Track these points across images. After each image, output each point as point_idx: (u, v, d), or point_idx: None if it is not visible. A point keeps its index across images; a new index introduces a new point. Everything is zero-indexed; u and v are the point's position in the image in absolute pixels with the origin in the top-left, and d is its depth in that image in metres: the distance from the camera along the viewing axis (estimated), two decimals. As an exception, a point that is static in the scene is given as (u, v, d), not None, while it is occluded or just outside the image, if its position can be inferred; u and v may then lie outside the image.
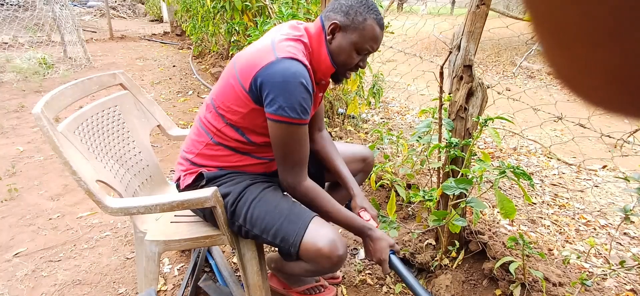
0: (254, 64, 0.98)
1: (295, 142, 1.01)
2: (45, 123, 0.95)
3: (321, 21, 1.07)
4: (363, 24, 1.02)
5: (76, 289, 1.49)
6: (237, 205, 1.08)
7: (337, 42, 1.05)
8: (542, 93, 4.43)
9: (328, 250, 0.99)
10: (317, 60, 1.07)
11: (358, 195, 1.26)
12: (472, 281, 1.42)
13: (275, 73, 0.95)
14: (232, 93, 1.03)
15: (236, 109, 1.04)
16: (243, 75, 1.00)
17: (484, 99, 1.30)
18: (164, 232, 1.18)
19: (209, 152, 1.12)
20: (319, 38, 1.06)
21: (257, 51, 1.01)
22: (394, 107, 3.84)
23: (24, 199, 2.09)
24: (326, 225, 1.04)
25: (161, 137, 2.98)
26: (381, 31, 1.06)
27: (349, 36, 1.03)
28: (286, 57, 0.96)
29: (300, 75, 0.95)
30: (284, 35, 1.03)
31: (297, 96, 0.95)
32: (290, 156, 1.04)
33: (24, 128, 3.08)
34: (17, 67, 4.51)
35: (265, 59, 0.97)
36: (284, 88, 0.94)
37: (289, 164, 1.05)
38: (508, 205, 1.11)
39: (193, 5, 5.36)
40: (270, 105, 0.96)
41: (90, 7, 12.13)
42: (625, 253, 1.69)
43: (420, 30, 2.98)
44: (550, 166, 2.60)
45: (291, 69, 0.95)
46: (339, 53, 1.05)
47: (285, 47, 0.99)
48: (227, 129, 1.08)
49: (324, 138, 1.32)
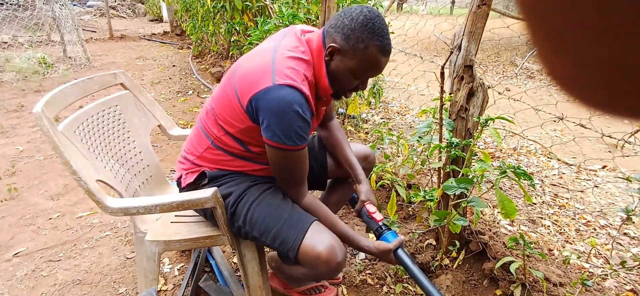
0: (251, 84, 0.95)
1: (292, 164, 1.01)
2: (45, 122, 0.95)
3: (323, 36, 1.01)
4: (364, 51, 0.95)
5: (76, 289, 1.49)
6: (238, 206, 1.08)
7: (335, 65, 0.99)
8: (542, 93, 4.43)
9: (326, 256, 0.98)
10: (318, 76, 1.02)
11: (364, 183, 1.25)
12: (473, 281, 1.42)
13: (271, 100, 0.91)
14: (229, 106, 1.02)
15: (233, 123, 1.03)
16: (241, 91, 0.97)
17: (485, 99, 1.30)
18: (164, 232, 1.18)
19: (209, 155, 1.12)
20: (320, 54, 1.01)
21: (256, 68, 0.96)
22: (394, 107, 3.84)
23: (23, 199, 2.09)
24: (325, 231, 1.04)
25: (161, 137, 2.98)
26: (385, 58, 0.98)
27: (347, 62, 0.98)
28: (283, 85, 0.91)
29: (296, 104, 0.91)
30: (287, 51, 0.98)
31: (292, 125, 0.93)
32: (288, 177, 1.05)
33: (23, 127, 3.08)
34: (17, 66, 4.51)
35: (263, 82, 0.93)
36: (280, 117, 0.92)
37: (287, 183, 1.07)
38: (509, 205, 1.11)
39: (193, 5, 5.35)
40: (266, 130, 0.95)
41: (89, 7, 12.12)
42: (625, 253, 1.69)
43: (421, 31, 2.98)
44: (550, 166, 2.60)
45: (287, 98, 0.91)
46: (335, 76, 1.01)
47: (285, 71, 0.93)
48: (226, 138, 1.07)
49: (334, 126, 1.32)
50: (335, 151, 1.31)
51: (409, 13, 4.41)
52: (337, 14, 1.01)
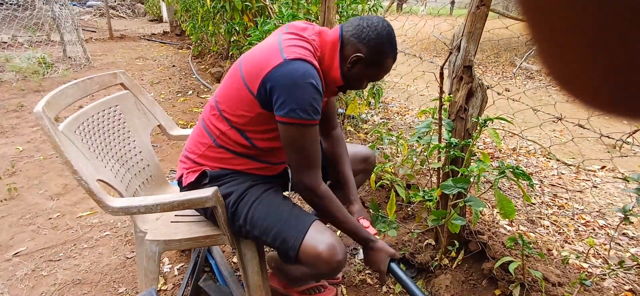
0: (261, 67, 0.97)
1: (308, 142, 1.01)
2: (46, 122, 0.95)
3: (340, 34, 1.06)
4: (384, 62, 1.06)
5: (76, 288, 1.49)
6: (239, 206, 1.08)
7: (356, 71, 1.06)
8: (541, 94, 4.43)
9: (327, 255, 0.99)
10: (327, 68, 1.06)
11: (357, 203, 1.27)
12: (472, 281, 1.42)
13: (284, 75, 0.94)
14: (237, 96, 1.03)
15: (242, 113, 1.03)
16: (250, 78, 0.99)
17: (484, 100, 1.31)
18: (164, 232, 1.18)
19: (211, 153, 1.12)
20: (334, 48, 1.05)
21: (264, 52, 1.00)
22: (394, 108, 3.84)
23: (23, 198, 2.09)
24: (326, 230, 1.04)
25: (161, 137, 2.98)
26: (394, 61, 1.09)
27: (366, 69, 1.06)
28: (294, 59, 0.95)
29: (310, 76, 0.95)
30: (292, 36, 1.02)
31: (307, 97, 0.95)
32: (305, 157, 1.03)
33: (23, 127, 3.08)
34: (17, 66, 4.51)
35: (273, 61, 0.96)
36: (294, 90, 0.94)
37: (305, 165, 1.04)
38: (508, 206, 1.12)
39: (193, 5, 5.35)
40: (280, 108, 0.95)
41: (89, 7, 12.11)
42: (624, 253, 1.70)
43: (420, 31, 2.98)
44: (549, 166, 2.61)
45: (300, 70, 0.94)
46: (353, 79, 1.08)
47: (293, 49, 0.98)
48: (231, 132, 1.07)
49: (337, 137, 1.32)
50: (334, 165, 1.32)
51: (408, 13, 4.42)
52: (356, 21, 1.06)
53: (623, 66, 0.15)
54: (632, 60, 0.15)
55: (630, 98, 0.16)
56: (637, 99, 0.16)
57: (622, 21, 0.14)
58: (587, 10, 0.14)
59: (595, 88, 0.17)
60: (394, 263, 1.13)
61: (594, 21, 0.14)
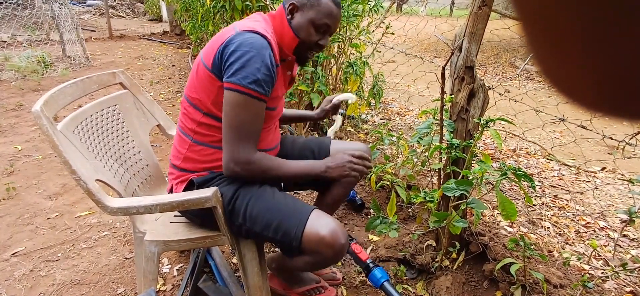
0: (215, 42, 1.02)
1: (251, 114, 1.00)
2: (44, 122, 0.94)
3: (283, 4, 1.13)
4: (318, 2, 1.09)
5: (74, 289, 1.48)
6: (235, 205, 1.08)
7: (296, 20, 1.10)
8: (541, 95, 4.43)
9: (330, 238, 1.01)
10: (280, 36, 1.11)
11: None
12: (473, 283, 1.42)
13: (238, 42, 0.97)
14: (198, 80, 1.05)
15: (208, 94, 1.04)
16: (206, 56, 1.03)
17: (486, 101, 1.30)
18: (163, 232, 1.17)
19: (193, 154, 1.12)
20: (281, 18, 1.12)
21: (219, 34, 1.06)
22: (394, 108, 3.84)
23: (22, 198, 2.08)
24: (326, 215, 1.06)
25: (161, 137, 2.97)
26: (338, 9, 1.11)
27: (306, 14, 1.09)
28: (247, 30, 1.00)
29: (261, 46, 0.98)
30: (246, 19, 1.10)
31: (257, 67, 0.97)
32: (244, 129, 1.00)
33: (22, 126, 3.07)
34: (16, 65, 4.49)
35: (227, 34, 1.01)
36: (244, 57, 0.96)
37: (243, 138, 1.01)
38: (509, 207, 1.11)
39: (193, 4, 5.34)
40: (229, 75, 0.97)
41: (89, 6, 12.09)
42: (625, 255, 1.69)
43: (421, 32, 2.98)
44: (550, 168, 2.60)
45: (251, 40, 0.98)
46: (298, 31, 1.11)
47: (246, 23, 1.04)
48: (205, 119, 1.07)
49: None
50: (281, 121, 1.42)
51: (409, 14, 4.42)
52: None
53: (617, 66, 0.15)
54: (626, 60, 0.14)
55: (626, 98, 0.16)
56: (633, 99, 0.16)
57: (616, 20, 0.13)
58: (580, 10, 0.14)
59: (594, 91, 0.17)
60: (387, 283, 1.21)
61: (588, 20, 0.14)
